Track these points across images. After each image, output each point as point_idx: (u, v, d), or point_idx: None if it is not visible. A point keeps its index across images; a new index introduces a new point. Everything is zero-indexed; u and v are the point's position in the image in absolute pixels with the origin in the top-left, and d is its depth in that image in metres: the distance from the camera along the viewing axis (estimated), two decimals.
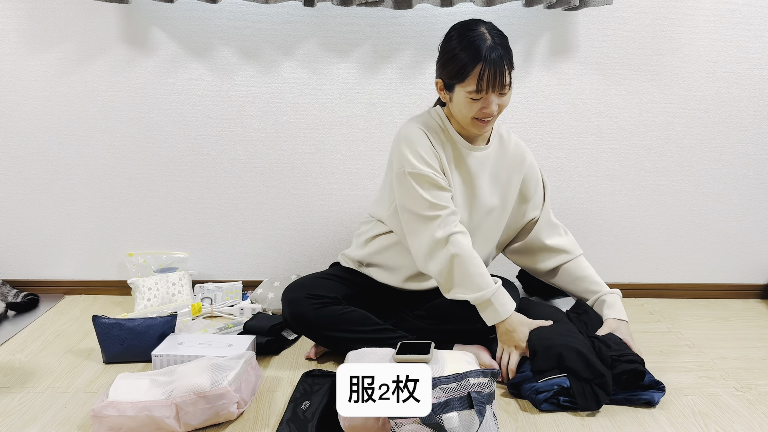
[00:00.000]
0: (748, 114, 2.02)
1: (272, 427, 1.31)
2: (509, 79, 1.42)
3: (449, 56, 1.43)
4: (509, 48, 1.43)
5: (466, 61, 1.38)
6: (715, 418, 1.35)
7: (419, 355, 1.35)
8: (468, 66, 1.38)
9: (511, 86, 1.44)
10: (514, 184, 1.64)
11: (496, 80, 1.38)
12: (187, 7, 1.91)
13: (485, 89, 1.39)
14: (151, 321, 1.62)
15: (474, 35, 1.40)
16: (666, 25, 1.94)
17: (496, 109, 1.44)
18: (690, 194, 2.09)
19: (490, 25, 1.44)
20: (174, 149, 2.04)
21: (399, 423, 1.12)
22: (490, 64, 1.37)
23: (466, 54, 1.39)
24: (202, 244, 2.12)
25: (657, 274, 2.16)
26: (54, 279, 2.14)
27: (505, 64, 1.39)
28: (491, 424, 1.15)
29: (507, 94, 1.45)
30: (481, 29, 1.41)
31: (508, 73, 1.41)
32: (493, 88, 1.40)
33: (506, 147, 1.62)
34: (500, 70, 1.38)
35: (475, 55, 1.37)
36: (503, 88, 1.41)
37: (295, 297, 1.58)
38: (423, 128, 1.52)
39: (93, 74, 1.96)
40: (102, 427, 1.23)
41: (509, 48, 1.43)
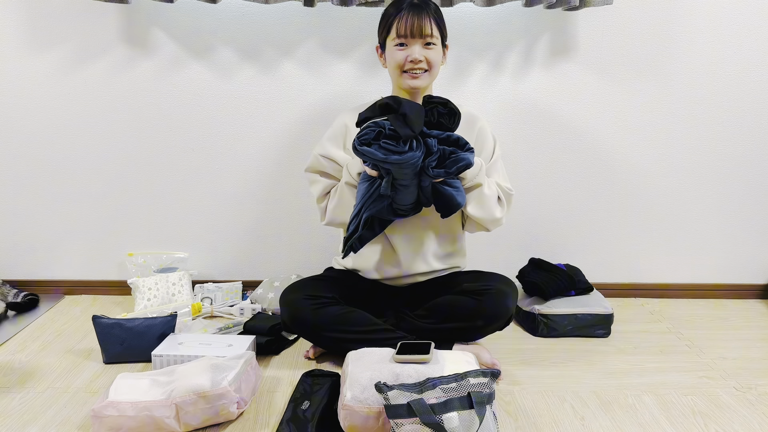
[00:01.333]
0: (748, 114, 2.02)
1: (272, 427, 1.31)
2: (431, 30, 1.50)
3: (381, 19, 1.56)
4: (435, 6, 1.54)
5: (391, 12, 1.52)
6: (715, 418, 1.35)
7: (419, 355, 1.35)
8: (391, 17, 1.51)
9: (439, 41, 1.53)
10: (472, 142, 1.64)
11: (414, 25, 1.48)
12: (187, 7, 1.91)
13: (406, 34, 1.49)
14: (151, 321, 1.62)
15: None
16: (666, 25, 1.94)
17: (422, 59, 1.51)
18: (690, 194, 2.09)
19: None
20: (174, 149, 2.04)
21: (399, 423, 1.12)
22: (410, 11, 1.49)
23: (391, 7, 1.53)
24: (202, 244, 2.12)
25: (657, 274, 2.16)
26: (54, 279, 2.14)
27: (426, 13, 1.49)
28: (491, 424, 1.15)
29: (434, 48, 1.53)
30: None
31: (429, 22, 1.49)
32: (413, 33, 1.49)
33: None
34: (419, 17, 1.48)
35: (398, 6, 1.51)
36: (425, 38, 1.50)
37: (294, 298, 1.58)
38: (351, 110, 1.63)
39: (93, 74, 1.96)
40: (102, 427, 1.23)
41: (435, 6, 1.54)
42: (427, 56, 1.52)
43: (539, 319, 1.78)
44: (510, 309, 1.57)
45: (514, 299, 1.59)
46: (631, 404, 1.41)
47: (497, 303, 1.55)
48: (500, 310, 1.55)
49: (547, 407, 1.39)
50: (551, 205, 2.10)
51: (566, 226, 2.12)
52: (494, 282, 1.60)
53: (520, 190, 2.09)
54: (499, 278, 1.64)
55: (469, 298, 1.56)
